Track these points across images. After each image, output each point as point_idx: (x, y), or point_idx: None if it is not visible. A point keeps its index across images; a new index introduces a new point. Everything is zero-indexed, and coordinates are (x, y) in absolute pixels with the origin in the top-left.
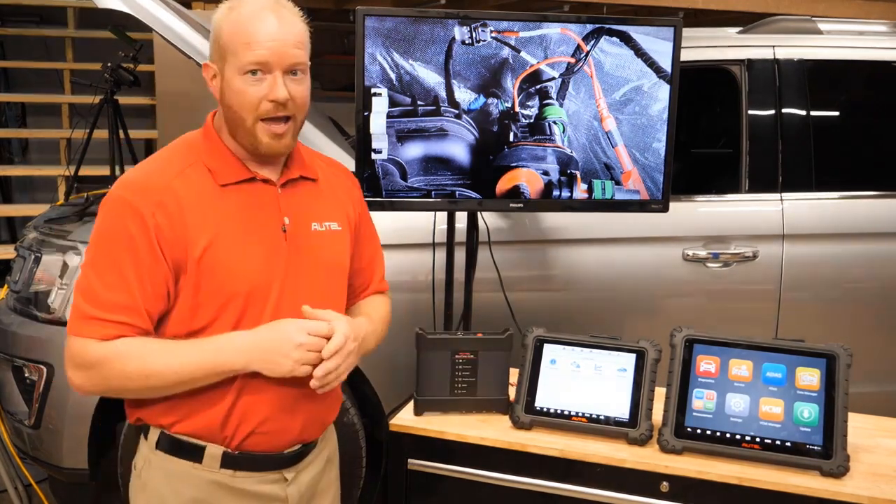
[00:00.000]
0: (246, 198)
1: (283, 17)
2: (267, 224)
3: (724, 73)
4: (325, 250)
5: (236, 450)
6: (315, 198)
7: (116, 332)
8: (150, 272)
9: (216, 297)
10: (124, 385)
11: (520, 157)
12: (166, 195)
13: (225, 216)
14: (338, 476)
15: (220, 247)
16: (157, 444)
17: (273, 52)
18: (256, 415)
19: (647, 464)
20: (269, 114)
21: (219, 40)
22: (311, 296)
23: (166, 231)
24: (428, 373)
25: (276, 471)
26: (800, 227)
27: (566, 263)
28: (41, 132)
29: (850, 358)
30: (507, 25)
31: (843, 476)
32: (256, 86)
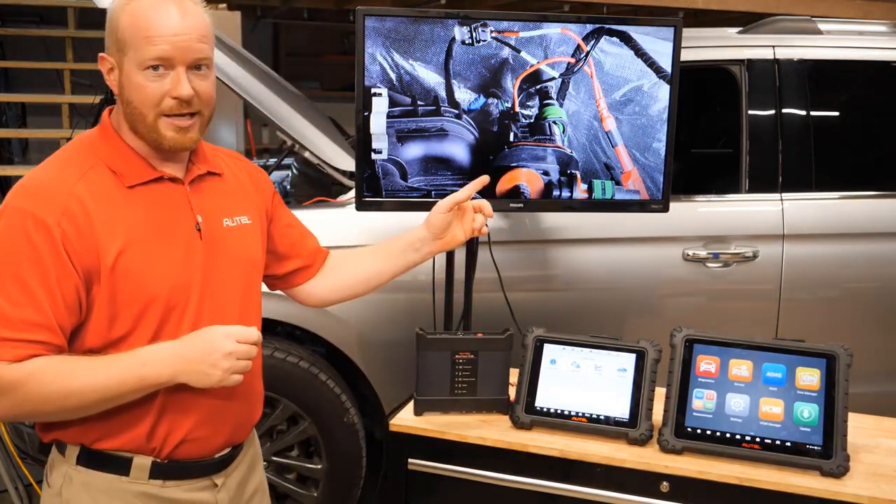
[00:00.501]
0: (155, 198)
1: (186, 9)
2: (180, 224)
3: (724, 73)
4: (239, 246)
5: (165, 459)
6: (223, 193)
7: (29, 352)
8: (61, 285)
9: (134, 305)
10: (41, 408)
11: (520, 157)
12: (71, 201)
13: (135, 219)
14: (264, 477)
15: (134, 252)
16: (77, 459)
17: (175, 46)
18: (185, 423)
19: (647, 464)
20: (172, 110)
21: (115, 32)
22: (230, 295)
23: (74, 240)
24: (428, 373)
25: (206, 477)
26: (800, 227)
27: (566, 263)
28: (41, 132)
29: (850, 358)
30: (507, 25)
31: (843, 476)
32: (158, 81)
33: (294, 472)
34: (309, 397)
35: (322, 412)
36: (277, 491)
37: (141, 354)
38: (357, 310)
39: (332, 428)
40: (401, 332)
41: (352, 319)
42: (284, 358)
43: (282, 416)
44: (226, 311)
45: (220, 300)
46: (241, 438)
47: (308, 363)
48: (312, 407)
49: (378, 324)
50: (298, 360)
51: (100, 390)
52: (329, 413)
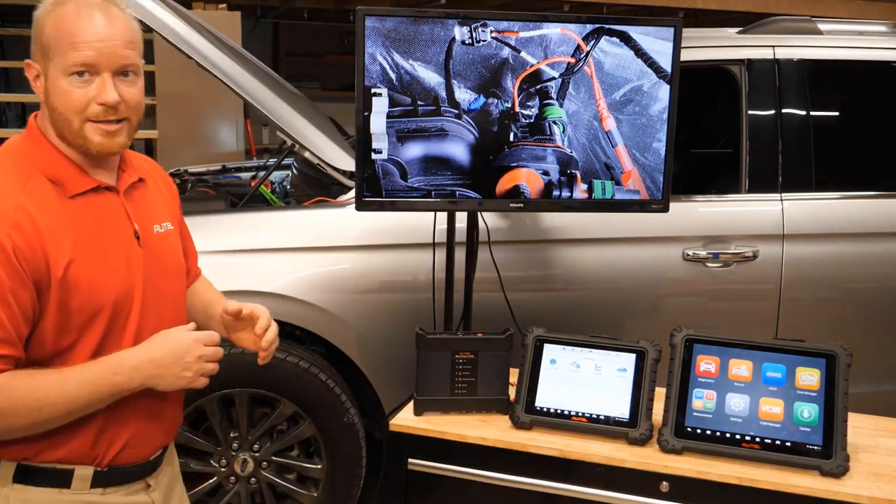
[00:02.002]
0: (95, 208)
1: (112, 14)
2: (121, 233)
3: (724, 73)
4: (169, 252)
5: (107, 466)
6: (149, 200)
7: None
8: (17, 297)
9: (82, 314)
10: (11, 424)
11: (520, 157)
12: (19, 214)
13: (79, 229)
14: (178, 464)
15: (82, 262)
16: (14, 477)
17: (100, 52)
18: (128, 428)
19: (647, 464)
20: (98, 117)
21: (41, 38)
22: (166, 300)
23: (25, 251)
24: (428, 373)
25: (141, 479)
26: (800, 227)
27: (566, 263)
28: None
29: (849, 358)
30: (507, 25)
31: (843, 476)
32: (83, 88)
33: (294, 472)
34: (309, 397)
35: (322, 412)
36: (277, 491)
37: (111, 362)
38: (357, 310)
39: (332, 428)
40: (401, 332)
41: (352, 319)
42: (284, 358)
43: (282, 416)
44: (162, 318)
45: (159, 306)
46: (172, 438)
47: (308, 363)
48: (312, 407)
49: (378, 324)
50: (298, 360)
51: (72, 400)
52: (329, 413)
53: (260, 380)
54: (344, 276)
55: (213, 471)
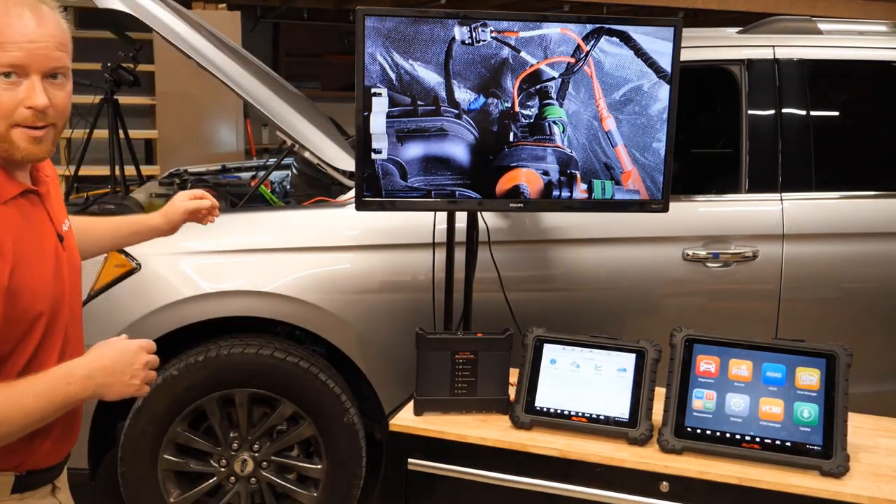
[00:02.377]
0: (24, 211)
1: (42, 14)
2: (47, 236)
3: (724, 73)
4: (74, 250)
5: (25, 472)
6: (55, 198)
7: None
8: None
9: (22, 323)
10: None
11: (520, 157)
12: None
13: (15, 236)
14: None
15: (22, 270)
16: None
17: (30, 53)
18: (52, 433)
19: (647, 464)
20: (26, 121)
21: None
22: (77, 300)
23: None
24: (428, 373)
25: (51, 482)
26: (800, 227)
27: (566, 263)
28: None
29: (849, 358)
30: (507, 25)
31: (843, 476)
32: (11, 90)
33: (294, 472)
34: (309, 397)
35: (322, 412)
36: (277, 491)
37: (61, 373)
38: (357, 310)
39: (332, 428)
40: (401, 332)
41: (352, 319)
42: (284, 358)
43: (282, 416)
44: (76, 315)
45: (77, 306)
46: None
47: (308, 363)
48: (312, 407)
49: (378, 324)
50: (298, 360)
51: (30, 414)
52: (329, 413)
53: (260, 380)
54: (344, 276)
55: (212, 471)
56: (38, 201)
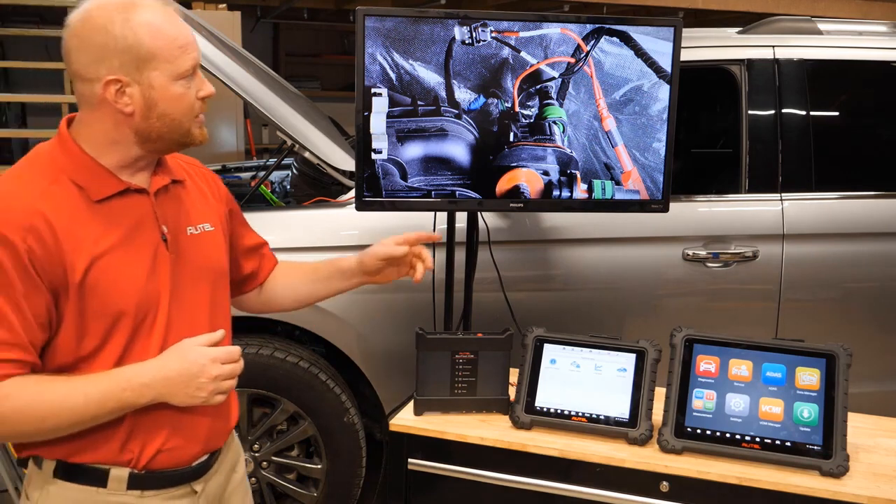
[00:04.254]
0: (121, 211)
1: (178, 15)
2: (146, 236)
3: (724, 73)
4: (203, 254)
5: (143, 469)
6: (185, 201)
7: (4, 371)
8: (29, 302)
9: (103, 319)
10: (17, 429)
11: (520, 157)
12: (34, 218)
13: (102, 233)
14: (244, 476)
15: (102, 266)
16: (54, 472)
17: (196, 49)
18: (158, 436)
19: (647, 464)
20: (200, 111)
21: (137, 49)
22: (198, 304)
23: (40, 255)
24: (428, 373)
25: (185, 485)
26: (800, 227)
27: (566, 263)
28: (41, 132)
29: (849, 358)
30: (507, 25)
31: (843, 476)
32: (190, 88)
33: (294, 471)
34: (309, 397)
35: (322, 412)
36: (277, 491)
37: (121, 377)
38: (357, 310)
39: (332, 428)
40: (401, 332)
41: (352, 319)
42: (284, 358)
43: (282, 416)
44: (195, 322)
45: (189, 310)
46: (218, 445)
47: (308, 363)
48: (312, 407)
49: (378, 324)
50: (298, 360)
51: (78, 412)
52: (329, 413)
53: (260, 380)
54: None
55: None
56: (145, 201)
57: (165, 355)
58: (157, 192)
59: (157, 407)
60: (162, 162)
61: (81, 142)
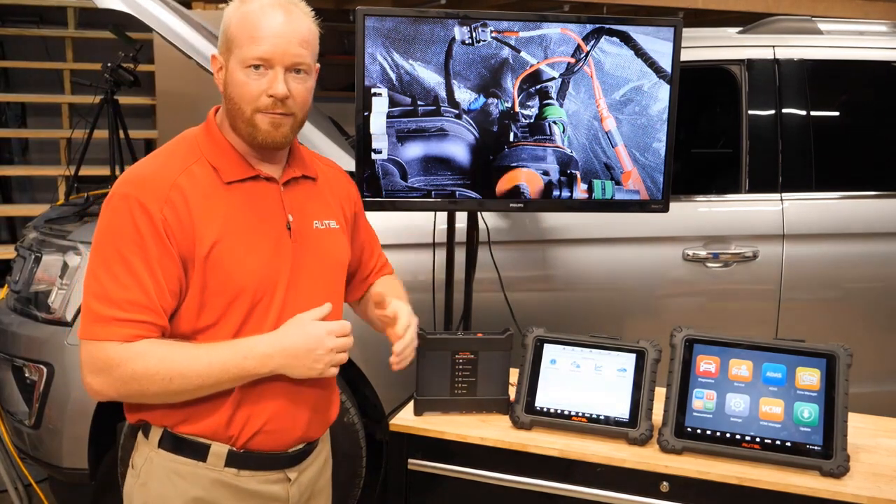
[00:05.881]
0: (250, 195)
1: (292, 14)
2: (272, 221)
3: (724, 73)
4: (326, 247)
5: (241, 448)
6: (315, 196)
7: (137, 331)
8: (163, 268)
9: (223, 295)
10: (146, 388)
11: (520, 157)
12: (173, 192)
13: (231, 214)
14: (330, 477)
15: (227, 244)
16: (159, 442)
17: (276, 48)
18: (262, 414)
19: (647, 464)
20: (267, 108)
21: (227, 32)
22: (315, 292)
23: (175, 226)
24: (428, 373)
25: (279, 470)
26: (800, 227)
27: (566, 263)
28: (41, 132)
29: (850, 358)
30: (507, 25)
31: (843, 476)
32: (258, 80)
33: None
34: None
35: None
36: None
37: (244, 346)
38: None
39: (332, 428)
40: None
41: (352, 319)
42: None
43: None
44: (310, 308)
45: (306, 297)
46: (316, 435)
47: None
48: None
49: None
50: None
51: (203, 376)
52: None
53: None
54: None
55: None
56: (274, 189)
57: (285, 327)
58: (287, 183)
59: (265, 389)
60: (296, 156)
61: (221, 126)
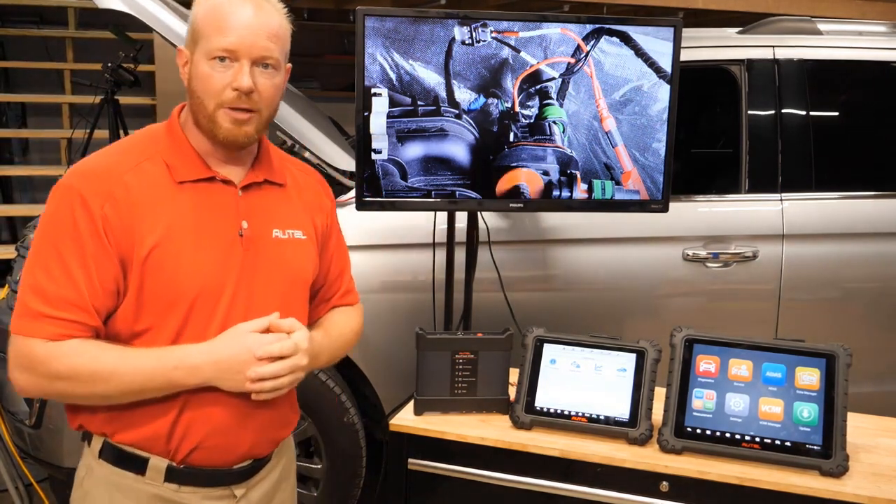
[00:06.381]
0: (202, 198)
1: (263, 8)
2: (222, 226)
3: (724, 73)
4: (286, 258)
5: (181, 463)
6: (280, 204)
7: (66, 330)
8: (99, 266)
9: (160, 299)
10: (70, 389)
11: (520, 157)
12: (117, 187)
13: (178, 215)
14: (294, 492)
15: (169, 247)
16: (100, 452)
17: (243, 39)
18: (202, 428)
19: (647, 464)
20: (231, 103)
21: (194, 24)
22: (268, 304)
23: (115, 224)
24: (428, 373)
25: (224, 486)
26: (800, 227)
27: (566, 263)
28: (41, 132)
29: (849, 358)
30: (507, 25)
31: (843, 476)
32: (223, 73)
33: None
34: (309, 397)
35: (322, 412)
36: None
37: (174, 355)
38: None
39: (332, 428)
40: (401, 332)
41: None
42: None
43: None
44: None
45: (258, 308)
46: (263, 453)
47: None
48: (312, 407)
49: (378, 324)
50: None
51: (127, 382)
52: (329, 413)
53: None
54: None
55: None
56: (230, 192)
57: (220, 338)
58: (248, 188)
59: (206, 401)
60: (264, 160)
61: (184, 125)
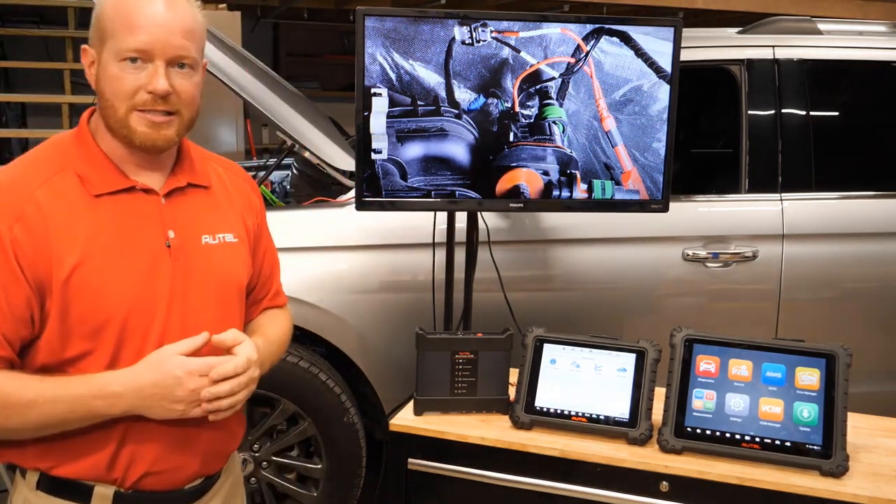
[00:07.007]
0: (123, 210)
1: (175, 2)
2: (147, 239)
3: (724, 73)
4: (217, 265)
5: (130, 489)
6: (207, 207)
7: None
8: (8, 294)
9: (88, 324)
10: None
11: (520, 157)
12: (28, 206)
13: (97, 231)
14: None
15: (91, 266)
16: (37, 484)
17: (157, 39)
18: (147, 455)
19: (647, 464)
20: (146, 105)
21: (99, 20)
22: (203, 317)
23: (26, 247)
24: (428, 373)
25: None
26: (800, 227)
27: (566, 263)
28: (41, 132)
29: (849, 358)
30: (507, 25)
31: (843, 476)
32: (135, 74)
33: (294, 472)
34: (309, 397)
35: (322, 412)
36: (277, 491)
37: (94, 384)
38: (357, 310)
39: (332, 428)
40: (401, 332)
41: (352, 319)
42: (284, 358)
43: (282, 416)
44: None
45: (194, 321)
46: (214, 469)
47: (308, 363)
48: (312, 407)
49: (378, 324)
50: (298, 360)
51: (45, 414)
52: (329, 413)
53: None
54: (344, 276)
55: None
56: (152, 202)
57: (140, 364)
58: (170, 194)
59: (148, 429)
60: (185, 162)
61: (94, 132)
